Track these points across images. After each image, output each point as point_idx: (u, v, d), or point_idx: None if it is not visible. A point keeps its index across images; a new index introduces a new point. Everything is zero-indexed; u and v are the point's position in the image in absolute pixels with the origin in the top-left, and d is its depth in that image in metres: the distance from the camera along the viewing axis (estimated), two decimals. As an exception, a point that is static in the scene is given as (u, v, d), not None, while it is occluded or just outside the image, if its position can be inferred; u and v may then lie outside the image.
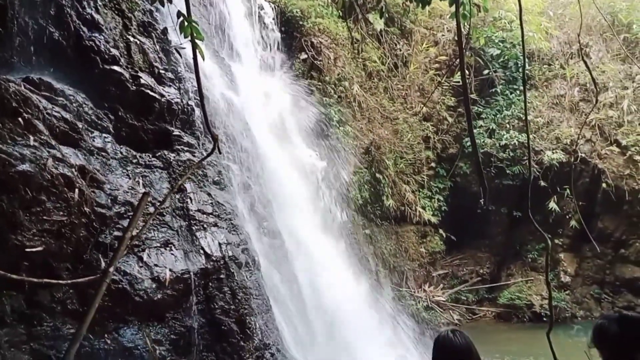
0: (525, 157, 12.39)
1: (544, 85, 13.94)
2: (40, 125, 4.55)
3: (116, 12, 6.11)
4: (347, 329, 7.65)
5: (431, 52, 13.85)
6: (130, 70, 6.11)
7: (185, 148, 6.42)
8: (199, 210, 6.03)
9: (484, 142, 13.26)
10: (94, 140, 5.31)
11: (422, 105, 12.55)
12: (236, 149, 7.70)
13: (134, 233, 3.92)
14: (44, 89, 4.96)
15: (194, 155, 6.35)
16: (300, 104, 10.04)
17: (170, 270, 5.21)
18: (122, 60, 6.05)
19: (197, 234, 5.80)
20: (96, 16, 5.72)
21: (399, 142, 12.89)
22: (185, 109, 6.71)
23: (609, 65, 13.10)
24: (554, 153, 12.55)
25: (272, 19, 10.47)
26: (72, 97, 5.25)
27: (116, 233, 4.81)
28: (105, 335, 4.54)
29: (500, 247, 14.23)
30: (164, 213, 5.64)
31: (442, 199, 13.77)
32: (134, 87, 6.05)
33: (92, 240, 4.63)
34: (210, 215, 6.16)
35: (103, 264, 4.43)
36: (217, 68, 8.25)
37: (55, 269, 4.20)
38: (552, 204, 12.46)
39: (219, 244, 5.97)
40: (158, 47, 6.67)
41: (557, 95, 13.51)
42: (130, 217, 3.89)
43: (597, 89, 12.11)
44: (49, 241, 4.17)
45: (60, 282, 3.63)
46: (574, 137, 12.36)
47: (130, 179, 5.48)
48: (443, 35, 13.96)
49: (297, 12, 10.93)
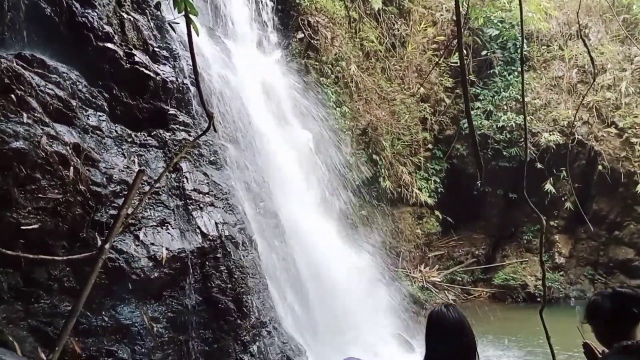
0: (522, 139, 12.39)
1: (542, 67, 13.88)
2: (34, 103, 4.49)
3: (109, -13, 6.00)
4: (344, 308, 7.73)
5: (429, 32, 13.72)
6: (124, 47, 6.02)
7: (181, 127, 6.36)
8: (195, 190, 6.01)
9: (481, 123, 13.25)
10: (88, 119, 5.25)
11: (420, 86, 12.47)
12: (232, 128, 7.65)
13: (129, 211, 3.91)
14: (37, 66, 4.89)
15: (189, 135, 6.30)
16: (296, 83, 9.95)
17: (166, 249, 5.21)
18: (116, 37, 5.95)
19: (194, 213, 5.79)
20: (89, -8, 5.62)
21: (396, 123, 12.85)
22: (181, 88, 6.64)
23: (607, 47, 13.03)
24: (551, 135, 12.56)
25: (269, -3, 10.33)
26: (65, 75, 5.18)
27: (112, 212, 4.79)
28: (103, 312, 4.56)
29: (495, 228, 14.34)
30: (160, 192, 5.62)
31: (438, 180, 13.81)
32: (128, 65, 5.97)
33: (88, 219, 4.61)
34: (207, 195, 6.14)
35: (99, 242, 4.42)
36: (213, 46, 8.15)
37: (51, 246, 4.20)
38: (548, 186, 12.52)
39: (216, 223, 5.97)
40: (152, 24, 6.57)
41: (555, 77, 13.46)
42: (126, 195, 3.87)
43: (595, 70, 12.05)
44: (45, 219, 4.15)
45: (56, 258, 3.63)
46: (571, 119, 12.37)
47: (125, 157, 5.45)
48: (441, 14, 13.81)
49: (293, -11, 10.78)
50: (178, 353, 5.05)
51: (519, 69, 13.21)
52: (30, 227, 4.00)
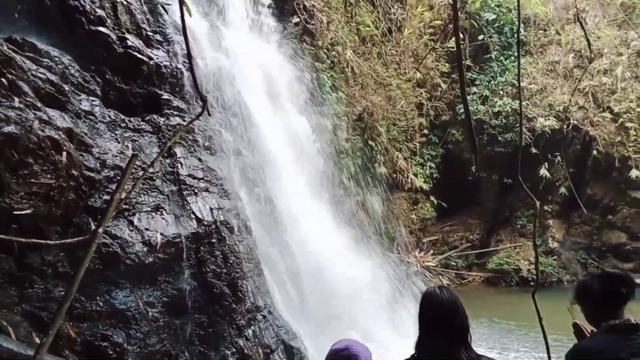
0: (518, 124, 12.40)
1: (538, 52, 13.83)
2: (25, 87, 4.44)
3: (100, -30, 5.90)
4: (338, 292, 7.78)
5: (426, 16, 13.61)
6: (117, 31, 5.94)
7: (175, 112, 6.31)
8: (189, 175, 5.99)
9: (477, 109, 13.24)
10: (81, 103, 5.20)
11: (416, 71, 12.41)
12: (227, 114, 7.61)
13: (123, 196, 3.90)
14: (28, 50, 4.82)
15: (183, 120, 6.25)
16: (292, 68, 9.88)
17: (161, 234, 5.21)
18: (109, 21, 5.87)
19: (188, 198, 5.78)
20: (80, -26, 5.52)
21: (391, 108, 12.82)
22: (175, 73, 6.58)
23: (604, 31, 12.98)
24: (546, 120, 12.57)
25: (263, -20, 10.18)
26: (57, 59, 5.11)
27: (106, 197, 4.76)
28: (97, 297, 4.56)
29: (490, 213, 14.42)
30: (154, 177, 5.59)
31: (434, 166, 13.84)
32: (121, 50, 5.90)
33: (82, 204, 4.59)
34: (201, 180, 6.12)
35: (93, 227, 4.41)
36: (207, 31, 8.06)
37: (44, 232, 4.18)
38: (543, 171, 12.57)
39: (210, 208, 5.96)
40: (145, 7, 6.48)
41: (551, 62, 13.43)
42: (119, 180, 3.85)
43: (592, 55, 12.03)
44: (38, 204, 4.13)
45: (49, 243, 3.62)
46: (566, 104, 12.37)
47: (119, 143, 5.41)
48: (438, -2, 13.71)
49: (288, -27, 10.64)
50: (173, 337, 5.08)
51: (516, 54, 13.17)
52: (23, 212, 3.98)
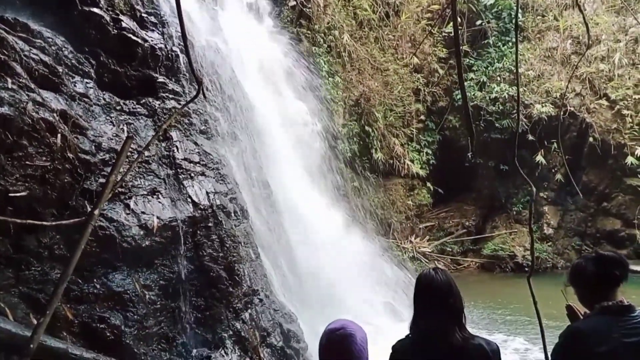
0: (515, 111, 12.39)
1: (536, 38, 13.77)
2: (18, 68, 4.38)
3: (94, -51, 5.79)
4: (335, 276, 7.83)
5: (423, 0, 13.50)
6: (110, 12, 5.85)
7: (171, 95, 6.25)
8: (185, 159, 5.96)
9: (474, 95, 13.21)
10: (75, 86, 5.14)
11: (413, 56, 12.34)
12: (223, 97, 7.55)
13: (118, 178, 3.88)
14: (20, 30, 4.75)
15: (179, 103, 6.20)
16: (288, 53, 9.80)
17: (157, 217, 5.20)
18: (102, 1, 5.78)
19: (184, 182, 5.76)
20: (73, -47, 5.42)
21: (389, 94, 12.77)
22: (170, 55, 6.50)
23: (602, 17, 12.91)
24: (543, 106, 12.56)
25: (260, -38, 10.05)
26: (50, 40, 5.04)
27: (101, 180, 4.73)
28: (94, 280, 4.57)
29: (486, 200, 14.48)
30: (150, 161, 5.57)
31: (430, 152, 13.84)
32: (115, 31, 5.82)
33: (77, 187, 4.57)
34: (197, 164, 6.10)
35: (89, 210, 4.39)
36: (203, 13, 7.97)
37: (40, 214, 4.16)
38: (539, 157, 12.61)
39: (207, 192, 5.94)
40: (139, -12, 6.38)
41: (549, 48, 13.38)
42: (114, 162, 3.84)
43: (590, 41, 11.98)
44: (33, 186, 4.10)
45: (45, 224, 3.61)
46: (564, 91, 12.35)
47: (114, 126, 5.36)
48: (436, -18, 13.58)
49: (285, -45, 10.51)
50: (171, 320, 5.11)
51: (514, 40, 13.09)
52: (19, 194, 3.96)
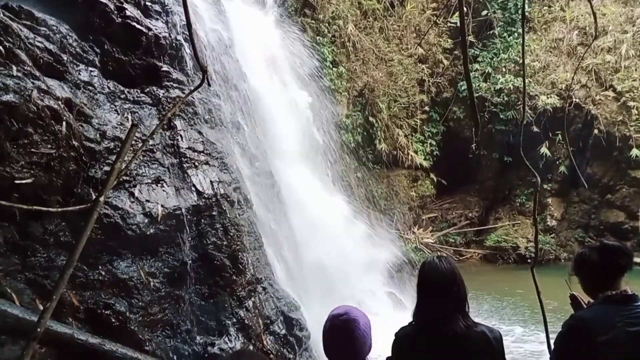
0: (520, 102, 12.32)
1: (542, 28, 13.64)
2: (23, 55, 4.38)
3: (97, -64, 5.75)
4: (338, 265, 7.86)
5: (429, -10, 13.39)
6: (114, 1, 5.83)
7: (175, 85, 6.25)
8: (189, 148, 5.97)
9: (479, 86, 13.13)
10: (79, 74, 5.15)
11: (417, 46, 12.26)
12: (227, 87, 7.54)
13: (123, 166, 3.89)
14: (25, 18, 4.75)
15: (183, 92, 6.20)
16: (292, 42, 9.76)
17: (162, 206, 5.22)
18: (106, -11, 5.77)
19: (189, 171, 5.78)
20: (76, -60, 5.40)
21: (393, 84, 12.72)
22: (174, 44, 6.49)
23: (610, 8, 12.78)
24: (548, 98, 12.48)
25: (264, -49, 9.98)
26: (55, 28, 5.04)
27: (106, 168, 4.76)
28: (100, 267, 4.60)
29: (489, 191, 14.46)
30: (155, 150, 5.58)
31: (434, 143, 13.80)
32: (120, 20, 5.81)
33: (82, 174, 4.59)
34: (202, 154, 6.11)
35: (94, 198, 4.42)
36: (207, 3, 7.93)
37: (45, 201, 4.19)
38: (544, 149, 12.55)
39: (211, 181, 5.96)
40: (143, -24, 6.35)
41: (555, 39, 13.26)
42: (119, 149, 3.84)
43: (597, 32, 11.86)
44: (39, 174, 4.13)
45: (50, 210, 3.64)
46: (569, 82, 12.26)
47: (118, 114, 5.37)
48: (442, -28, 13.45)
49: (290, -57, 10.43)
50: (175, 307, 5.15)
51: (519, 30, 13.00)
52: (24, 181, 3.98)
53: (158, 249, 5.16)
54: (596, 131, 12.43)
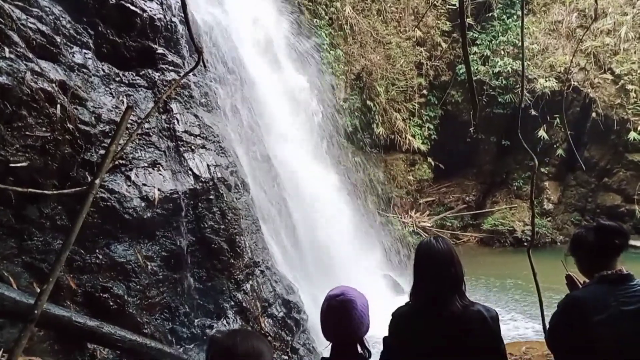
0: (518, 86, 12.26)
1: (542, 11, 13.52)
2: (15, 37, 4.32)
3: None
4: (335, 249, 7.89)
5: (427, -28, 13.21)
6: (108, -19, 5.74)
7: (170, 67, 6.18)
8: (186, 132, 5.94)
9: (477, 69, 13.05)
10: (73, 56, 5.08)
11: (415, 29, 12.14)
12: (223, 70, 7.47)
13: (119, 148, 3.86)
14: (16, -2, 4.67)
15: (179, 75, 6.13)
16: (289, 24, 9.64)
17: (158, 189, 5.21)
18: (99, -30, 5.67)
19: (185, 155, 5.75)
20: None
21: (391, 68, 12.62)
22: (169, 26, 6.40)
23: (610, -11, 12.65)
24: (547, 81, 12.43)
25: None
26: (47, 9, 4.95)
27: (102, 151, 4.72)
28: (97, 250, 4.60)
29: (487, 175, 14.48)
30: (151, 133, 5.54)
31: (432, 127, 13.76)
32: (114, 1, 5.72)
33: (78, 158, 4.56)
34: (198, 137, 6.08)
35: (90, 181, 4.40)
36: (202, -17, 7.81)
37: (41, 184, 4.16)
38: (542, 132, 12.53)
39: (208, 165, 5.94)
40: (137, -44, 6.23)
41: (554, 21, 13.15)
42: (114, 132, 3.81)
43: (596, 14, 11.76)
44: (34, 157, 4.10)
45: (45, 192, 3.62)
46: (568, 65, 12.19)
47: (113, 97, 5.32)
48: (441, -47, 13.27)
49: None
50: (173, 290, 5.17)
51: (519, 13, 12.87)
52: (19, 164, 3.96)
53: (155, 233, 5.16)
54: (594, 114, 12.41)
